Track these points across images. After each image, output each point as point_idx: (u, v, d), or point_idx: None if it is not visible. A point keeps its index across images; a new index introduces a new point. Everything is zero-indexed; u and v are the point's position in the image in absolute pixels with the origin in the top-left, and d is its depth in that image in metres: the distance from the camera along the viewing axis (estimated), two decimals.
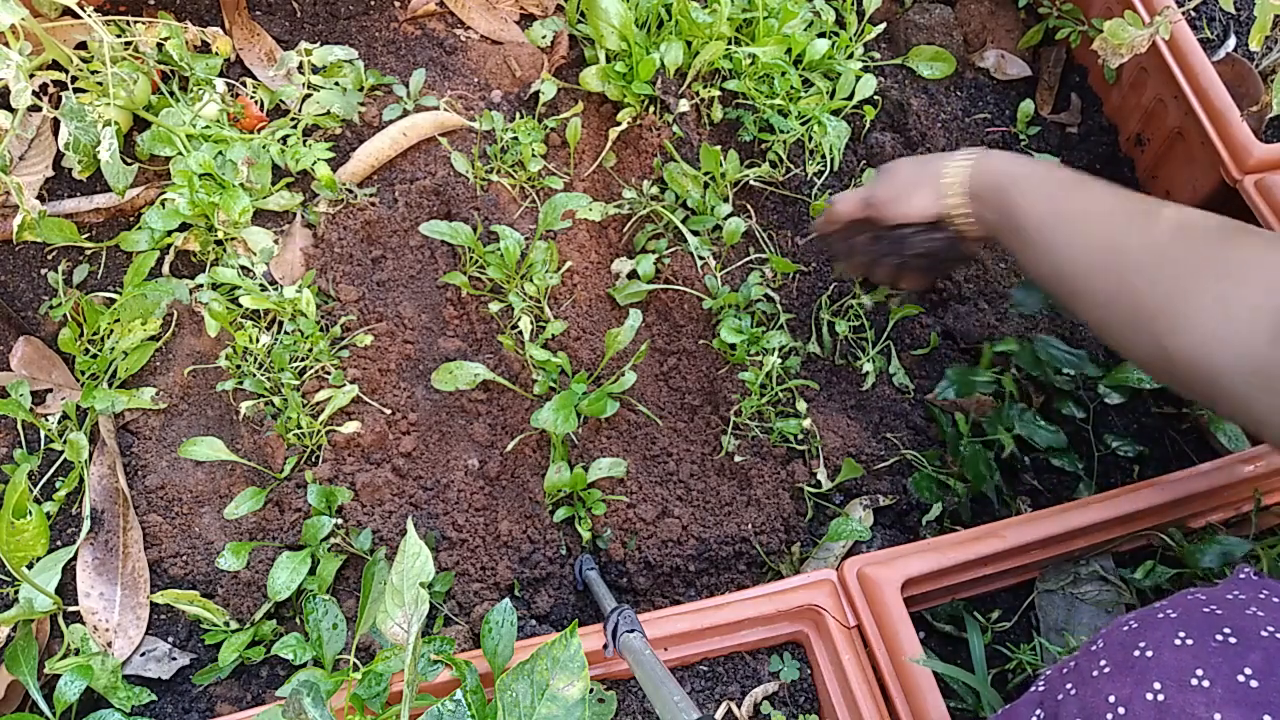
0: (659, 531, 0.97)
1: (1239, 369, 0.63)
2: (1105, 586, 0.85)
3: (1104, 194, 0.76)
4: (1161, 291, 0.68)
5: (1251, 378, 0.62)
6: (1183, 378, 0.67)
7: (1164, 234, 0.70)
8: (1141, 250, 0.70)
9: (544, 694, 0.60)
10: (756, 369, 1.03)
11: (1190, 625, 0.50)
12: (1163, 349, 0.68)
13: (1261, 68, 1.11)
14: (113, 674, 0.87)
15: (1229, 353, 0.63)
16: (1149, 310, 0.68)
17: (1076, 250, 0.75)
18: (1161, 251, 0.69)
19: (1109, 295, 0.72)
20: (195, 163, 1.03)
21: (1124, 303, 0.71)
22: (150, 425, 1.01)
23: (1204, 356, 0.64)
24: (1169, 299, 0.67)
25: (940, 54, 1.22)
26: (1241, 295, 0.63)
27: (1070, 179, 0.79)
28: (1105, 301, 0.72)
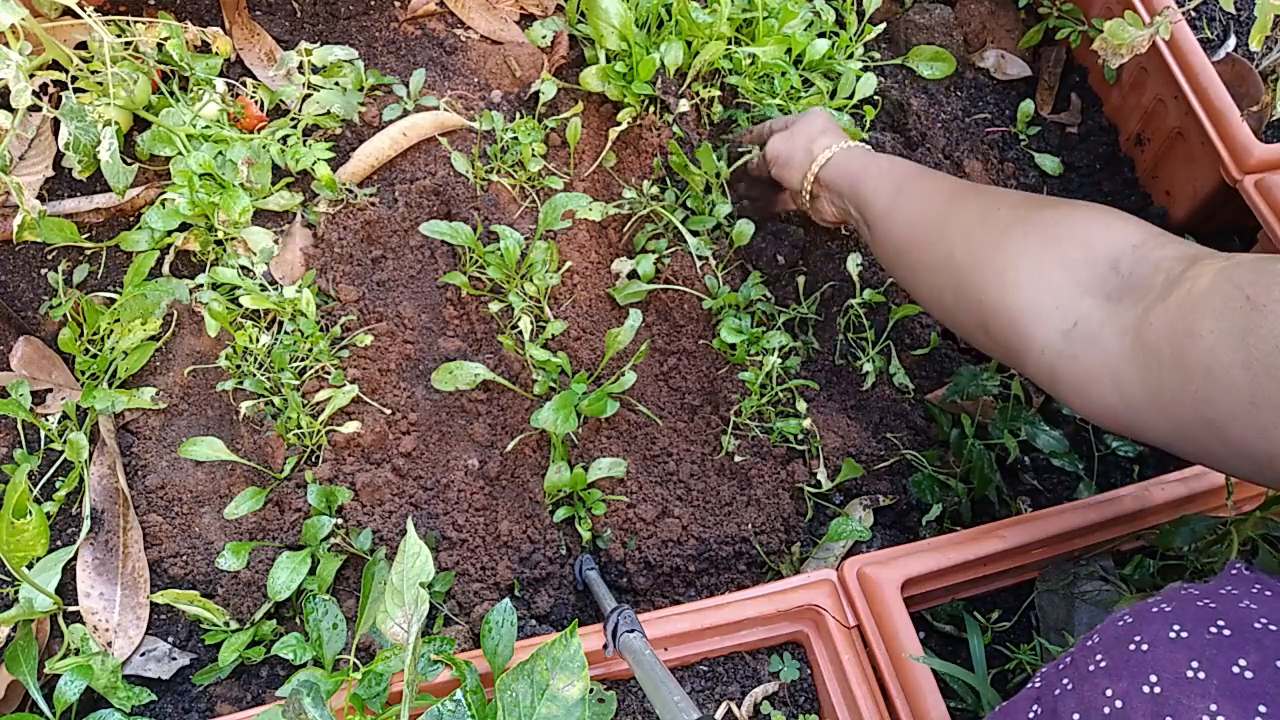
0: (659, 531, 0.97)
1: (1051, 324, 0.65)
2: (1105, 586, 0.85)
3: (941, 180, 0.82)
4: (978, 252, 0.72)
5: (1063, 337, 0.64)
6: (1000, 338, 0.70)
7: (982, 204, 0.75)
8: (962, 218, 0.75)
9: (544, 694, 0.60)
10: (756, 369, 1.03)
11: (1185, 619, 0.51)
12: (980, 308, 0.71)
13: (1261, 68, 1.11)
14: (113, 674, 0.87)
15: (1043, 307, 0.65)
16: (967, 270, 0.72)
17: (910, 228, 0.81)
18: (979, 218, 0.73)
19: (934, 263, 0.77)
20: (195, 163, 1.03)
21: (946, 269, 0.75)
22: (150, 425, 1.01)
23: (1018, 312, 0.67)
24: (985, 258, 0.71)
25: (940, 54, 1.22)
26: (1053, 250, 0.66)
27: (914, 170, 0.86)
28: (931, 270, 0.77)
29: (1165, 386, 0.56)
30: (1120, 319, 0.61)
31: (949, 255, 0.74)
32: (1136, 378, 0.59)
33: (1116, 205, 1.20)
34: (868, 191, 0.87)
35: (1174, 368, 0.56)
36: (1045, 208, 0.70)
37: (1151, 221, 1.18)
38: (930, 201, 0.80)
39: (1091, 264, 0.64)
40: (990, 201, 0.75)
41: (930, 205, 0.79)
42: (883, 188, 0.86)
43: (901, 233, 0.82)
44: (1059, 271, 0.65)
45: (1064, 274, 0.65)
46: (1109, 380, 0.61)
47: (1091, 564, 0.86)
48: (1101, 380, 0.61)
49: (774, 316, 1.07)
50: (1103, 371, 0.61)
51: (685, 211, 1.10)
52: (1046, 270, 0.66)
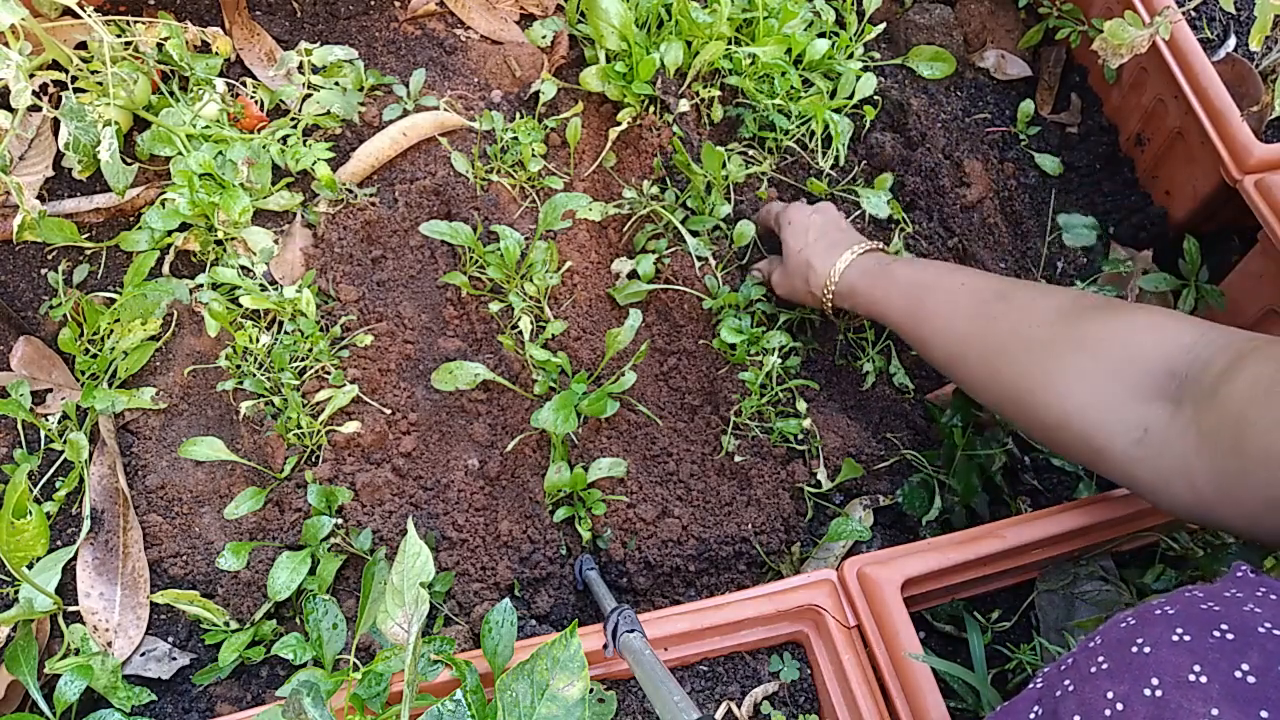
0: (659, 531, 0.97)
1: (1123, 437, 0.67)
2: (1105, 586, 0.85)
3: (954, 282, 0.83)
4: (1029, 379, 0.73)
5: (1135, 445, 0.66)
6: (1074, 450, 0.72)
7: (1014, 321, 0.75)
8: (999, 342, 0.76)
9: (544, 694, 0.60)
10: (756, 369, 1.03)
11: (1188, 622, 0.51)
12: (1044, 426, 0.73)
13: (1261, 68, 1.11)
14: (113, 674, 0.87)
15: (1109, 424, 0.67)
16: (1020, 395, 0.74)
17: (941, 341, 0.82)
18: (1020, 341, 0.74)
19: (981, 382, 0.78)
20: (195, 163, 1.03)
21: (997, 391, 0.76)
22: (150, 425, 1.01)
23: (1086, 431, 0.69)
24: (1038, 385, 0.72)
25: (940, 54, 1.22)
26: (1106, 368, 0.68)
27: (924, 275, 0.86)
28: (979, 387, 0.79)
29: (1229, 474, 0.59)
30: (1183, 418, 0.63)
31: (994, 375, 0.76)
32: (1204, 471, 0.61)
33: (1117, 205, 1.21)
34: (885, 314, 0.89)
35: (1233, 455, 0.58)
36: (1085, 321, 0.71)
37: (1152, 222, 1.19)
38: (957, 321, 0.80)
39: (1148, 374, 0.66)
40: (1020, 316, 0.75)
41: (958, 325, 0.80)
42: (898, 306, 0.87)
43: (933, 350, 0.83)
44: (1117, 388, 0.67)
45: (1122, 390, 0.67)
46: (1181, 478, 0.63)
47: (1091, 564, 0.86)
48: (1175, 480, 0.64)
49: (774, 316, 1.07)
50: (1176, 471, 0.63)
51: (685, 211, 1.10)
52: (1105, 390, 0.68)
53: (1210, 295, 1.08)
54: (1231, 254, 1.11)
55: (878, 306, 0.90)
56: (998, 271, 1.13)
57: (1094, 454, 0.69)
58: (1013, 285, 0.80)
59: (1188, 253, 1.09)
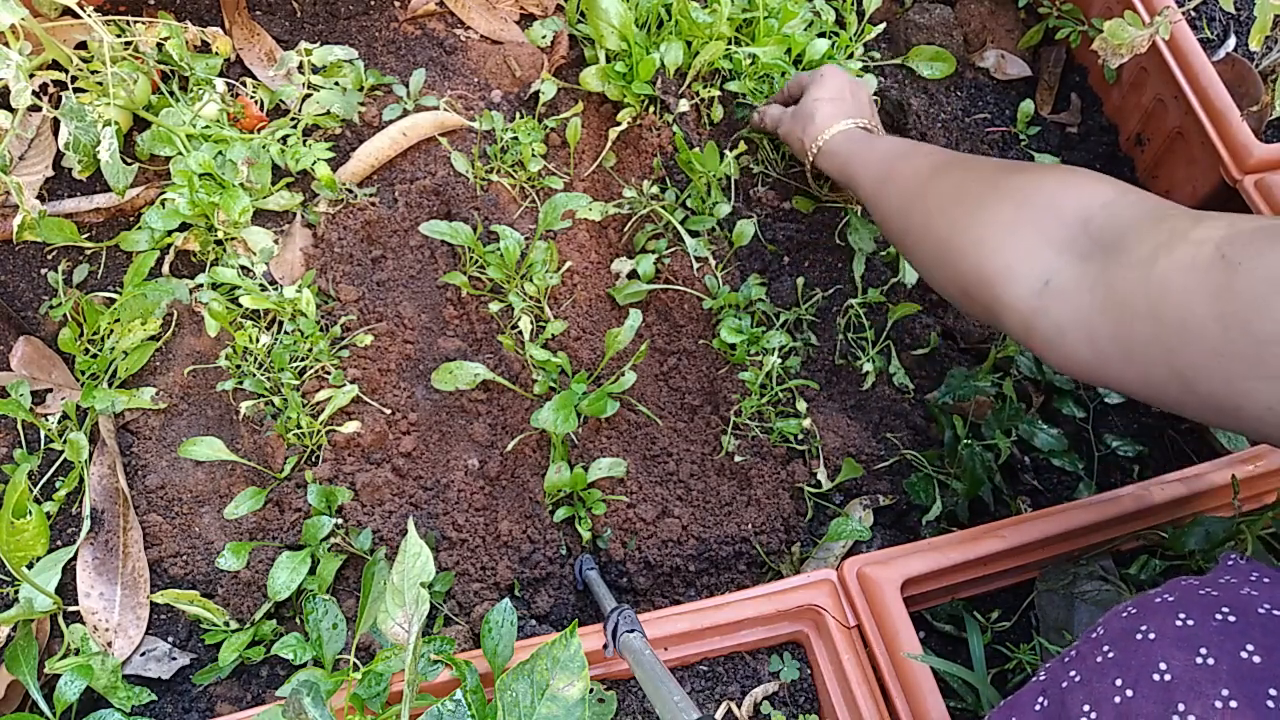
0: (659, 531, 0.97)
1: (1025, 283, 0.67)
2: (1105, 586, 0.85)
3: (923, 157, 0.85)
4: (955, 223, 0.74)
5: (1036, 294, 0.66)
6: (980, 300, 0.72)
7: (958, 177, 0.78)
8: (940, 194, 0.78)
9: (544, 694, 0.60)
10: (756, 369, 1.03)
11: (1189, 608, 0.51)
12: (960, 275, 0.73)
13: (1261, 68, 1.11)
14: (113, 674, 0.87)
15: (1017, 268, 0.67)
16: (946, 240, 0.75)
17: (895, 201, 0.84)
18: (955, 192, 0.76)
19: (918, 238, 0.80)
20: (195, 163, 1.03)
21: (930, 242, 0.78)
22: (150, 425, 1.01)
23: (993, 274, 0.69)
24: (961, 227, 0.73)
25: (940, 54, 1.22)
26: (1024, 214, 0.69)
27: (900, 147, 0.89)
28: (916, 244, 0.80)
29: (1136, 338, 0.58)
30: (1092, 274, 0.62)
31: (928, 228, 0.78)
32: (1108, 330, 0.60)
33: None
34: (856, 175, 0.92)
35: (1147, 319, 0.57)
36: (1016, 174, 0.73)
37: None
38: (911, 181, 0.83)
39: (1062, 225, 0.66)
40: (966, 174, 0.77)
41: (911, 184, 0.82)
42: (869, 173, 0.90)
43: (887, 211, 0.86)
44: (1031, 234, 0.67)
45: (1036, 236, 0.67)
46: (1081, 333, 0.62)
47: (1091, 564, 0.86)
48: (1074, 333, 0.63)
49: (774, 316, 1.07)
50: (1075, 325, 0.63)
51: (685, 211, 1.10)
52: (1019, 233, 0.68)
53: None
54: None
55: (850, 172, 0.93)
56: None
57: (994, 301, 0.69)
58: (970, 156, 0.82)
59: None
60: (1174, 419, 1.06)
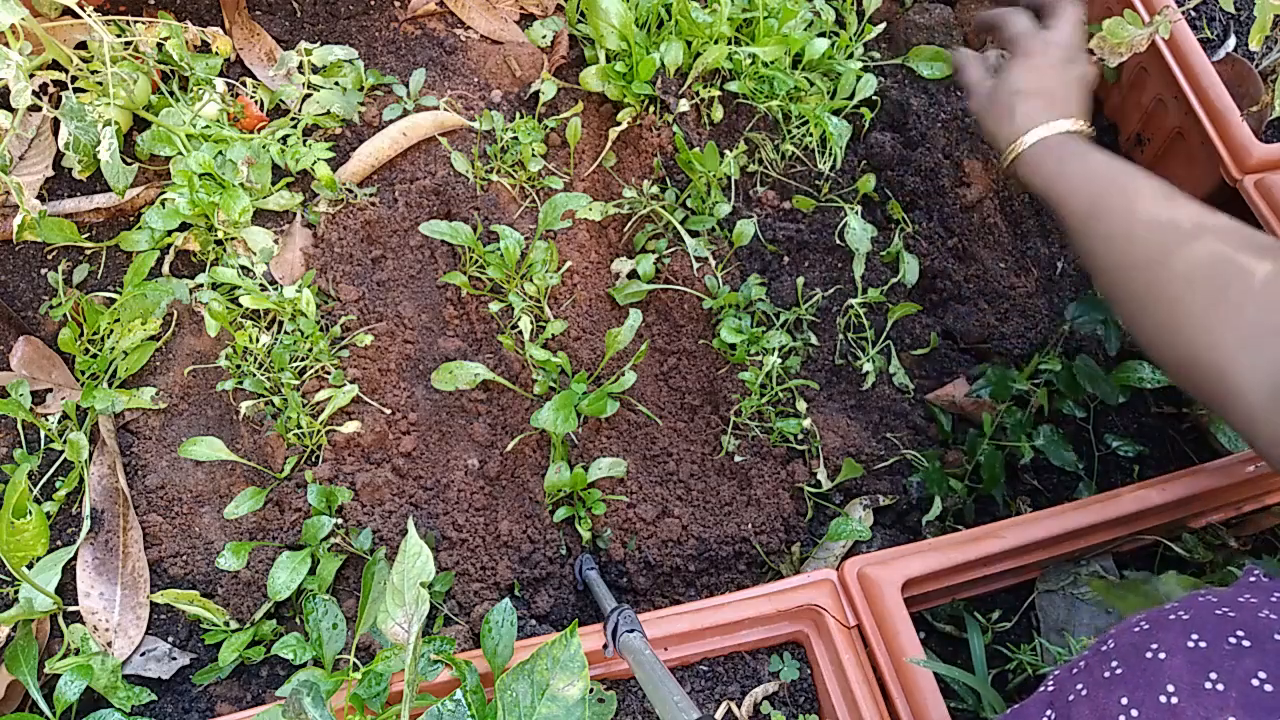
0: (659, 531, 0.97)
1: (1261, 388, 0.64)
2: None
3: (1140, 188, 0.77)
4: (1179, 306, 0.70)
5: (1265, 396, 0.64)
6: (1204, 389, 0.69)
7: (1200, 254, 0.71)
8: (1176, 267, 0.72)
9: (544, 694, 0.60)
10: (756, 369, 1.03)
11: (1203, 628, 0.50)
12: (1186, 358, 0.70)
13: (1261, 68, 1.11)
14: (113, 674, 0.87)
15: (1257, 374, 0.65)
16: (1173, 317, 0.71)
17: (1104, 260, 0.77)
18: (1195, 269, 0.70)
19: (1142, 304, 0.74)
20: (195, 163, 1.03)
21: (1150, 306, 0.73)
22: (150, 425, 1.01)
23: (1228, 373, 0.66)
24: (1185, 312, 0.69)
25: (940, 54, 1.22)
26: (1257, 307, 0.65)
27: (1113, 172, 0.80)
28: (1131, 311, 0.75)
29: None
30: None
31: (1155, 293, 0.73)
32: None
33: None
34: (1061, 199, 0.83)
35: None
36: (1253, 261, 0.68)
37: None
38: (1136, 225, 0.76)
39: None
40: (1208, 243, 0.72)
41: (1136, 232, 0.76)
42: (1077, 202, 0.81)
43: (1097, 253, 0.79)
44: (1270, 335, 0.65)
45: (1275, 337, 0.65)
46: None
47: (1091, 564, 0.86)
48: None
49: (774, 316, 1.07)
50: None
51: (685, 211, 1.10)
52: (1254, 331, 0.65)
53: None
54: None
55: (1057, 188, 0.83)
56: (998, 271, 1.13)
57: (1225, 395, 0.66)
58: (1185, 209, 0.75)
59: None
60: (1174, 419, 1.06)
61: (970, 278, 1.11)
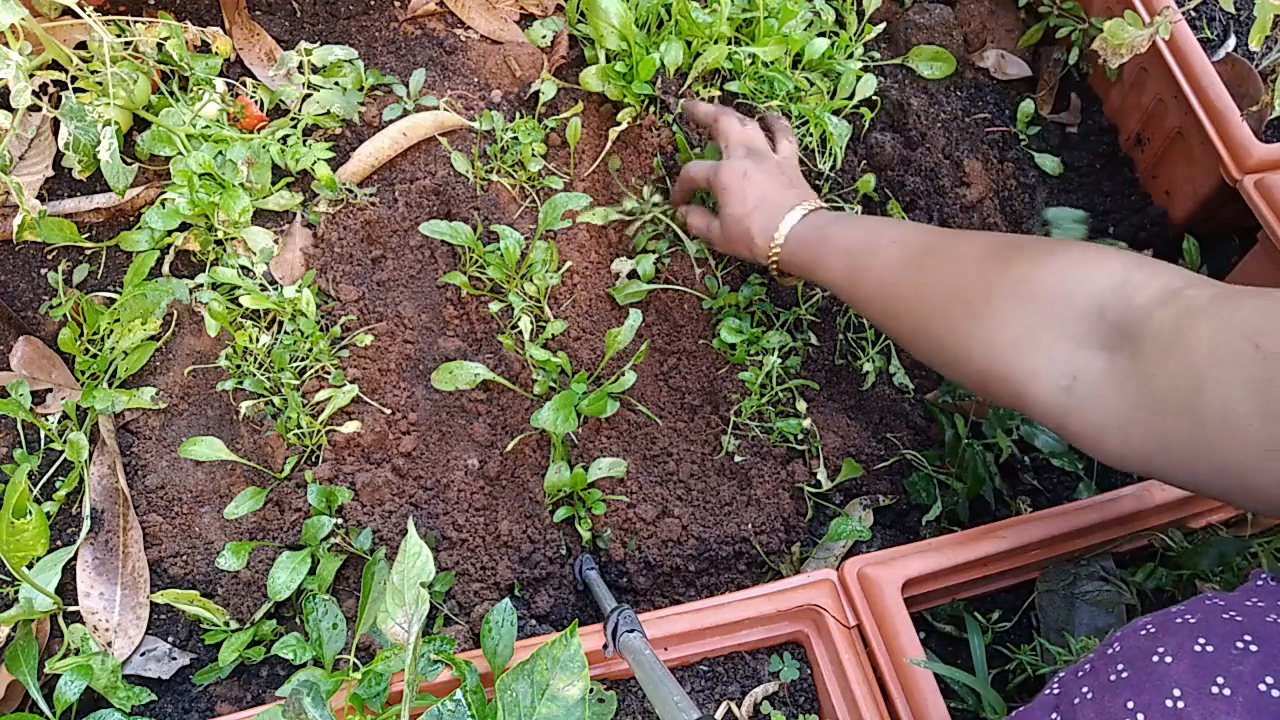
0: (659, 531, 0.97)
1: (1050, 382, 0.64)
2: (1105, 586, 0.85)
3: (889, 240, 0.80)
4: (958, 326, 0.71)
5: (1064, 392, 0.64)
6: (1003, 398, 0.69)
7: (944, 271, 0.74)
8: (930, 291, 0.74)
9: (544, 694, 0.60)
10: (756, 369, 1.03)
11: (1210, 631, 0.50)
12: (975, 374, 0.71)
13: (1261, 68, 1.11)
14: (113, 674, 0.87)
15: (1038, 369, 0.65)
16: (951, 344, 0.72)
17: (875, 302, 0.81)
18: (947, 289, 0.73)
19: (912, 336, 0.77)
20: (195, 163, 1.03)
21: (929, 342, 0.75)
22: (150, 425, 1.01)
23: (1014, 377, 0.67)
24: (966, 331, 0.70)
25: (940, 54, 1.22)
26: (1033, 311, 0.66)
27: (860, 235, 0.84)
28: (912, 342, 0.77)
29: (1176, 435, 0.57)
30: (1120, 369, 0.61)
31: (925, 331, 0.75)
32: (1145, 427, 0.59)
33: (1116, 205, 1.21)
34: (827, 282, 0.87)
35: (1183, 417, 0.56)
36: (1008, 264, 0.69)
37: (1152, 222, 1.19)
38: (888, 278, 0.79)
39: (1077, 316, 0.64)
40: (951, 267, 0.74)
41: (890, 282, 0.79)
42: (837, 270, 0.84)
43: (874, 313, 0.82)
44: (1046, 331, 0.65)
45: (1052, 332, 0.65)
46: (1116, 431, 0.61)
47: (1091, 564, 0.86)
48: (1109, 431, 0.61)
49: (774, 316, 1.07)
50: (1109, 423, 0.61)
51: None
52: (1033, 332, 0.66)
53: None
54: (1231, 254, 1.11)
55: (819, 274, 0.87)
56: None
57: (1018, 399, 0.67)
58: (941, 236, 0.78)
59: (1187, 253, 1.09)
60: None
61: None
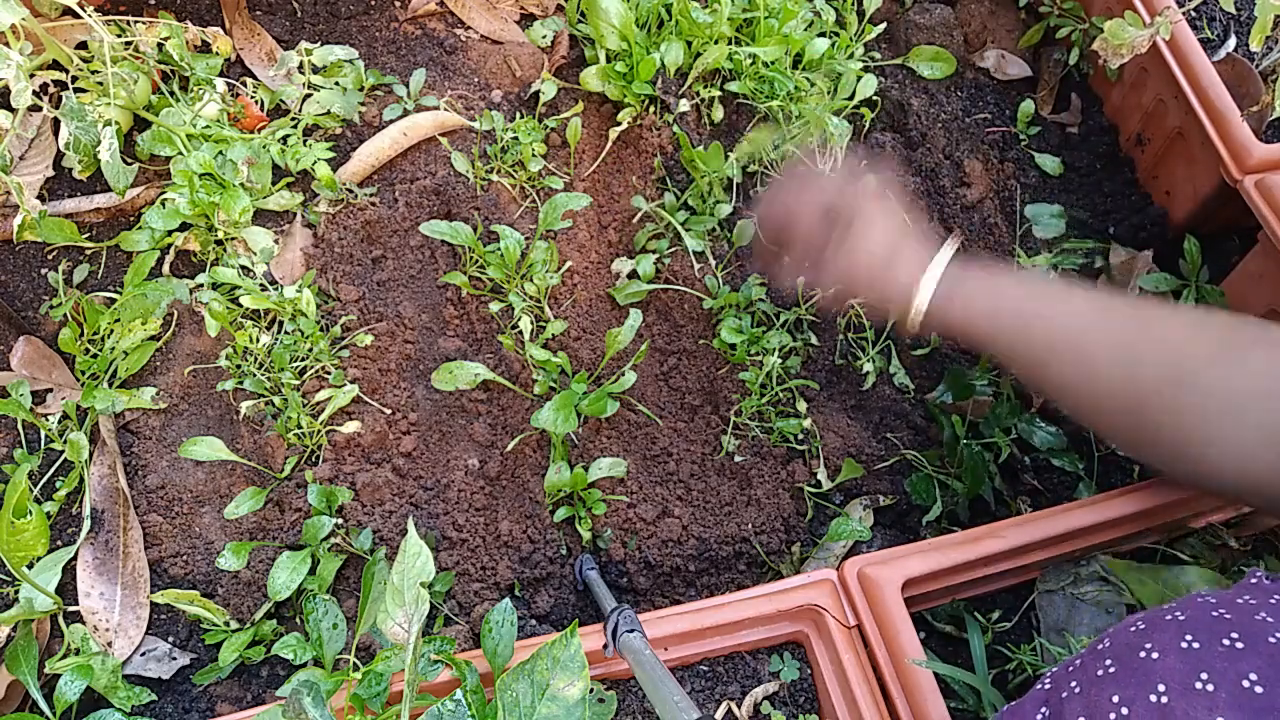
0: (659, 531, 0.97)
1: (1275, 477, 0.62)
2: (1105, 586, 0.85)
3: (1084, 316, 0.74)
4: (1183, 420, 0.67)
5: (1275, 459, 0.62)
6: (1245, 499, 0.68)
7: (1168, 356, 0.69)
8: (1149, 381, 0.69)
9: (544, 694, 0.60)
10: (756, 369, 1.03)
11: (1198, 629, 0.50)
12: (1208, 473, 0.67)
13: (1261, 68, 1.11)
14: (113, 674, 0.87)
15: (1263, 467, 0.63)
16: (1179, 438, 0.68)
17: (1073, 385, 0.74)
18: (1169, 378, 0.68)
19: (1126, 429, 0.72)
20: (195, 163, 1.03)
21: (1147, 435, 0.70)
22: (150, 425, 1.01)
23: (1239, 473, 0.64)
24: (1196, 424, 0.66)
25: (940, 54, 1.22)
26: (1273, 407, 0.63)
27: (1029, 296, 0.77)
28: (1125, 435, 0.73)
29: None
30: None
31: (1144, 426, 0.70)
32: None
33: (1117, 205, 1.21)
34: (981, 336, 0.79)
35: None
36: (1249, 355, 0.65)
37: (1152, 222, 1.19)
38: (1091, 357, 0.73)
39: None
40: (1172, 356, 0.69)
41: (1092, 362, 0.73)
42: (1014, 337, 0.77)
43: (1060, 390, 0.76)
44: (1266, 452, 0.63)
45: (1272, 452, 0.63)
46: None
47: (1091, 564, 0.86)
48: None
49: (774, 316, 1.07)
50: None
51: (686, 212, 1.10)
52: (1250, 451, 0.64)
53: (1210, 295, 1.08)
54: (1231, 254, 1.11)
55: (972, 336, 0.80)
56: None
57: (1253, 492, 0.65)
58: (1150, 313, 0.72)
59: (1188, 253, 1.09)
60: None
61: None
